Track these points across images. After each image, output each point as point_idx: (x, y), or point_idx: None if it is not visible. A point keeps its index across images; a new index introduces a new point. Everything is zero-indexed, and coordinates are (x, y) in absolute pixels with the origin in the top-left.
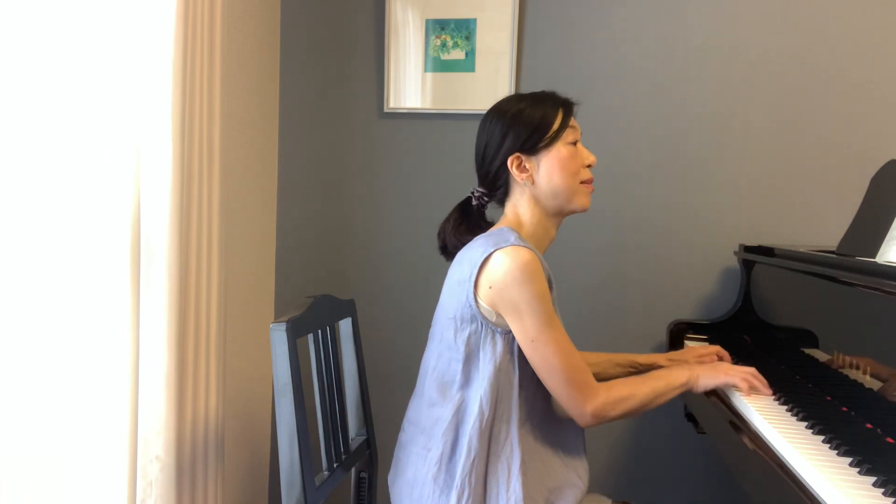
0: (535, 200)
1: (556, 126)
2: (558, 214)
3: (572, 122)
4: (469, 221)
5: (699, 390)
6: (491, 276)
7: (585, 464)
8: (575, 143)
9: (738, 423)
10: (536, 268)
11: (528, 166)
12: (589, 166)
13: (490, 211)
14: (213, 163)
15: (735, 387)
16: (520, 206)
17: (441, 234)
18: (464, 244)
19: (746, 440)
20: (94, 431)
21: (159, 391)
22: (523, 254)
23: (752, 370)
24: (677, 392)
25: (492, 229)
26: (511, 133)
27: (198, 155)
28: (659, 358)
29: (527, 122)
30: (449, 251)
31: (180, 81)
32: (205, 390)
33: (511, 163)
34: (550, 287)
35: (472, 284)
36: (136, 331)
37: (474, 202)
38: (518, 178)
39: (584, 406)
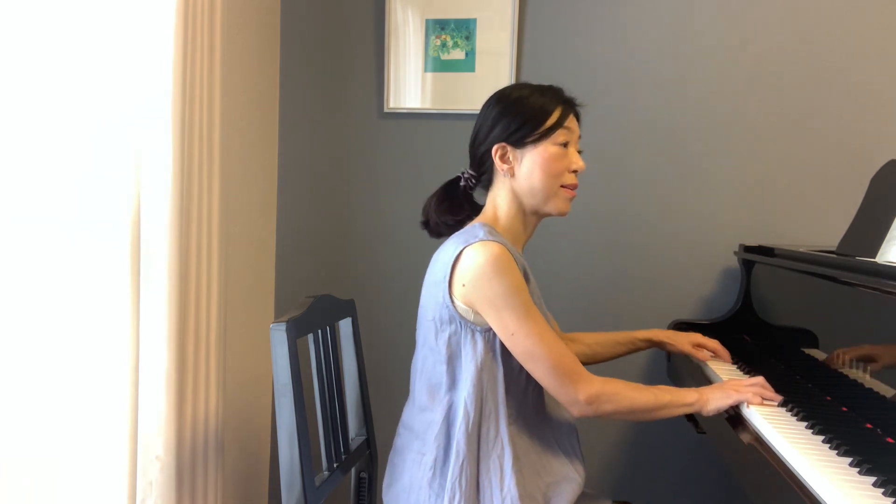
0: (514, 194)
1: (549, 123)
2: (535, 214)
3: (570, 122)
4: (452, 201)
5: (708, 414)
6: (463, 274)
7: (581, 457)
8: (566, 145)
9: (738, 423)
10: (507, 260)
11: (511, 157)
12: (575, 171)
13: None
14: (213, 163)
15: (747, 402)
16: (499, 197)
17: (425, 210)
18: (443, 223)
19: (746, 440)
20: (95, 431)
21: (159, 391)
22: (492, 248)
23: (761, 380)
24: (683, 411)
25: (466, 226)
26: (503, 120)
27: (198, 155)
28: (658, 333)
29: (521, 112)
30: (431, 227)
31: (180, 81)
32: (205, 390)
33: (495, 151)
34: (527, 279)
35: (447, 284)
36: (136, 331)
37: (462, 182)
38: (499, 168)
39: (576, 392)
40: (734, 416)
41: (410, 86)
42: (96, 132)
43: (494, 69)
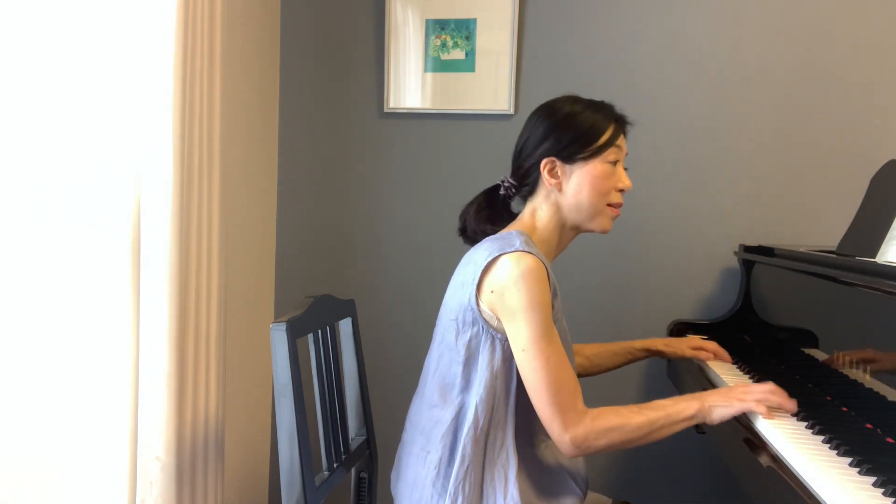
0: (558, 208)
1: (602, 140)
2: (575, 229)
3: (621, 141)
4: (492, 210)
5: (713, 423)
6: (493, 280)
7: (584, 471)
8: (615, 163)
9: (738, 423)
10: (540, 276)
11: (559, 173)
12: (622, 191)
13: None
14: (213, 163)
15: (753, 412)
16: (540, 209)
17: (463, 216)
18: (482, 232)
19: (746, 440)
20: (95, 432)
21: (159, 391)
22: (528, 260)
23: (770, 386)
24: (683, 426)
25: (502, 231)
26: (553, 135)
27: (198, 155)
28: (656, 342)
29: (573, 128)
30: (468, 234)
31: (180, 81)
32: (205, 390)
33: (544, 165)
34: (555, 295)
35: (475, 287)
36: (136, 331)
37: (502, 191)
38: (547, 182)
39: (563, 432)
40: (734, 417)
41: (410, 86)
42: (96, 132)
43: (494, 69)
